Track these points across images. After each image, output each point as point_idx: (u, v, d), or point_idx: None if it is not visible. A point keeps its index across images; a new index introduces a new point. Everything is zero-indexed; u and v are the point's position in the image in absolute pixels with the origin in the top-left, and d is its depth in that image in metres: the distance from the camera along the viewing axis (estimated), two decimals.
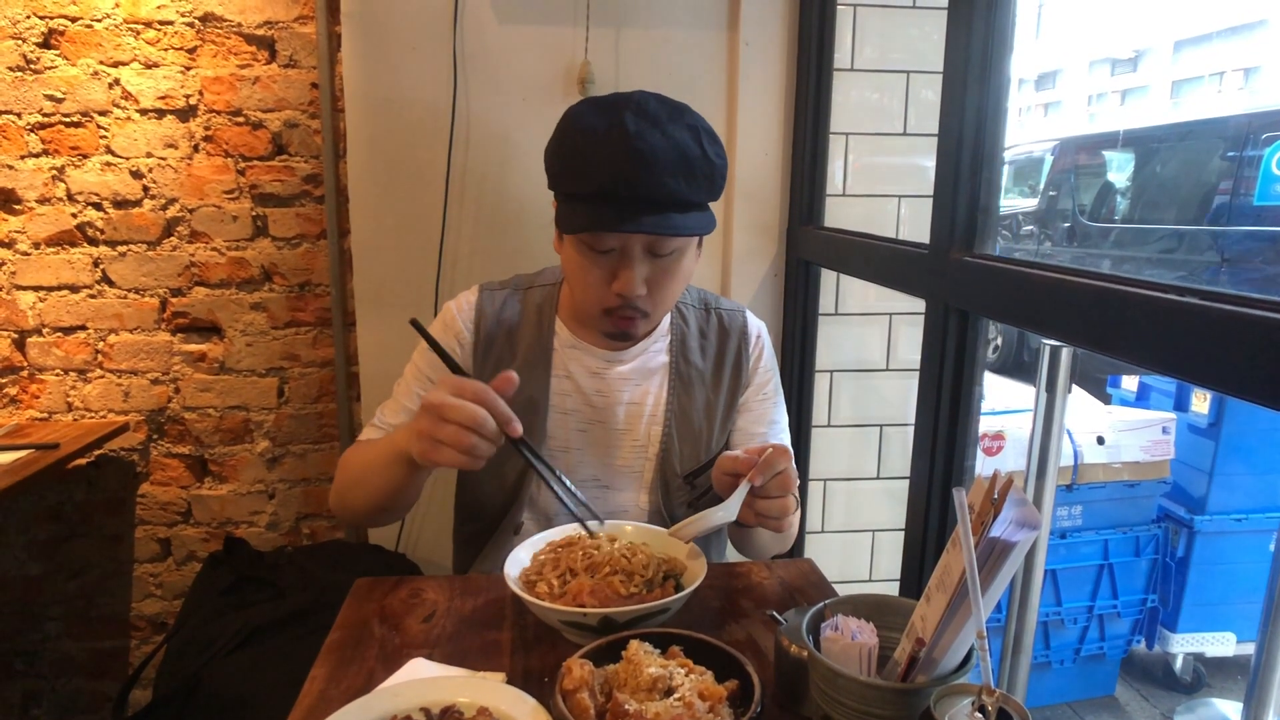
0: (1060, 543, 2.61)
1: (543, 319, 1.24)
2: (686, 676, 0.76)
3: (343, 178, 1.76)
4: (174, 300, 1.86)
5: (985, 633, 0.63)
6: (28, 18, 1.71)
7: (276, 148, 1.82)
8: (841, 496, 1.84)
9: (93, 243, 1.82)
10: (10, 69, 1.73)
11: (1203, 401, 2.80)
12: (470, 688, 0.80)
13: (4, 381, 1.87)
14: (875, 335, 1.80)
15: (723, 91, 1.76)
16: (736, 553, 1.26)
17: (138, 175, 1.80)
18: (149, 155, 1.79)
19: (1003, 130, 1.06)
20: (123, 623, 2.00)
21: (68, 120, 1.76)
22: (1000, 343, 6.66)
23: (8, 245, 1.81)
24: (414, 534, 1.85)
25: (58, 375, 1.87)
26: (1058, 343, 1.38)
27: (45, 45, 1.73)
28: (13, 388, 1.87)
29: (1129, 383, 3.22)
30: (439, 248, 1.73)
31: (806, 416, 1.78)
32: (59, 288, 1.83)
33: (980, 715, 0.61)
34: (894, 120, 1.74)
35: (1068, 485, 2.59)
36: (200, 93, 1.78)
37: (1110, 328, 0.78)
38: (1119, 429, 2.67)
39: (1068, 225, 6.49)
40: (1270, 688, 1.66)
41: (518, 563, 1.00)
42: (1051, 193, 6.85)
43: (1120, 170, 6.14)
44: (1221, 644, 2.79)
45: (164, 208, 1.82)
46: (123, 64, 1.75)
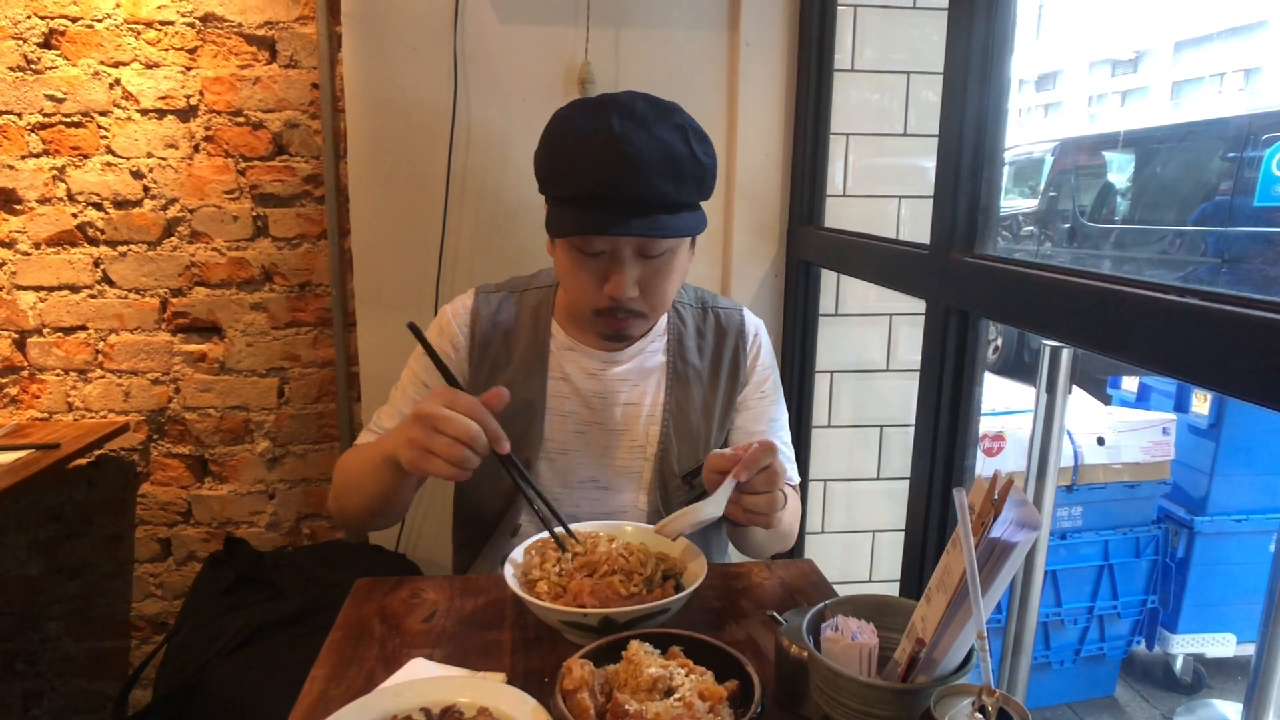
0: (1060, 543, 2.61)
1: (539, 321, 1.23)
2: (687, 677, 0.76)
3: (343, 178, 1.76)
4: (174, 300, 1.86)
5: (985, 633, 0.63)
6: (28, 18, 1.72)
7: (277, 148, 1.82)
8: (842, 497, 1.84)
9: (93, 243, 1.82)
10: (11, 69, 1.73)
11: (1203, 402, 2.79)
12: (470, 688, 0.80)
13: (4, 381, 1.87)
14: (875, 336, 1.80)
15: (723, 92, 1.76)
16: (737, 553, 1.26)
17: (138, 175, 1.80)
18: (149, 155, 1.79)
19: (1003, 131, 1.06)
20: (123, 623, 2.00)
21: (68, 120, 1.76)
22: (1000, 343, 6.65)
23: (8, 245, 1.81)
24: (414, 534, 1.85)
25: (58, 375, 1.87)
26: (1058, 343, 1.39)
27: (46, 45, 1.73)
28: (13, 388, 1.87)
29: (1129, 383, 3.22)
30: (439, 248, 1.73)
31: (807, 417, 1.78)
32: (59, 288, 1.84)
33: (980, 716, 0.61)
34: (894, 121, 1.74)
35: (1068, 486, 2.59)
36: (201, 93, 1.78)
37: (1111, 328, 0.78)
38: (1119, 430, 2.67)
39: (1068, 226, 6.49)
40: (1270, 689, 1.66)
41: (517, 563, 1.00)
42: (1052, 193, 6.84)
43: (1120, 171, 6.14)
44: (1221, 645, 2.78)
45: (164, 208, 1.82)
46: (123, 64, 1.75)
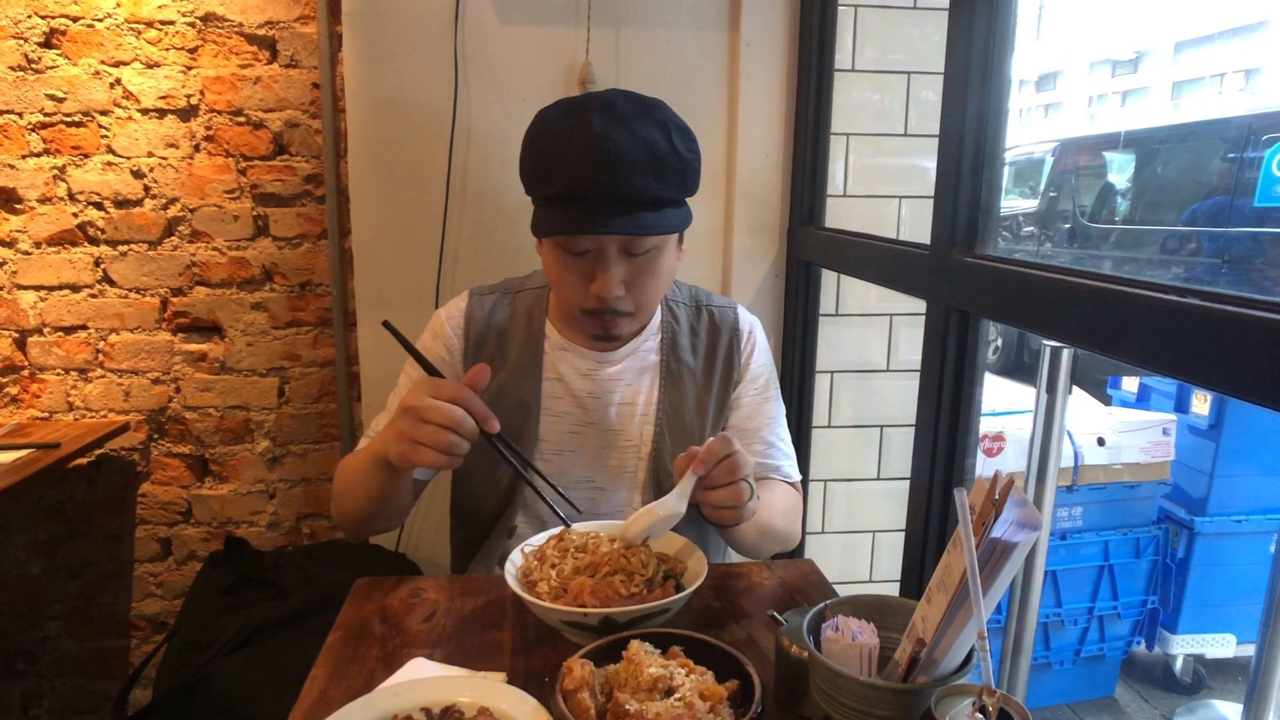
0: (1060, 544, 2.61)
1: (532, 322, 1.23)
2: (687, 677, 0.76)
3: (344, 178, 1.76)
4: (175, 300, 1.86)
5: (986, 633, 0.63)
6: (29, 17, 1.72)
7: (277, 147, 1.82)
8: (842, 497, 1.84)
9: (94, 242, 1.82)
10: (12, 68, 1.73)
11: (1203, 403, 2.79)
12: (471, 688, 0.80)
13: (5, 381, 1.87)
14: (876, 336, 1.80)
15: (724, 92, 1.76)
16: (737, 553, 1.25)
17: (139, 175, 1.80)
18: (150, 155, 1.79)
19: (1003, 131, 1.06)
20: (123, 622, 2.00)
21: (69, 120, 1.76)
22: (1000, 344, 6.65)
23: (9, 245, 1.81)
24: (414, 534, 1.85)
25: (58, 375, 1.87)
26: (1058, 344, 1.39)
27: (47, 45, 1.73)
28: (14, 387, 1.87)
29: (1129, 384, 3.22)
30: (439, 248, 1.73)
31: (807, 417, 1.78)
32: (60, 287, 1.84)
33: (981, 716, 0.61)
34: (895, 121, 1.74)
35: (1068, 486, 2.59)
36: (201, 92, 1.78)
37: (1111, 328, 0.78)
38: (1119, 430, 2.67)
39: (1068, 226, 6.48)
40: (1270, 689, 1.66)
41: (516, 564, 1.00)
42: (1052, 194, 6.84)
43: (1121, 171, 6.13)
44: (1221, 645, 2.78)
45: (165, 207, 1.82)
46: (124, 64, 1.75)
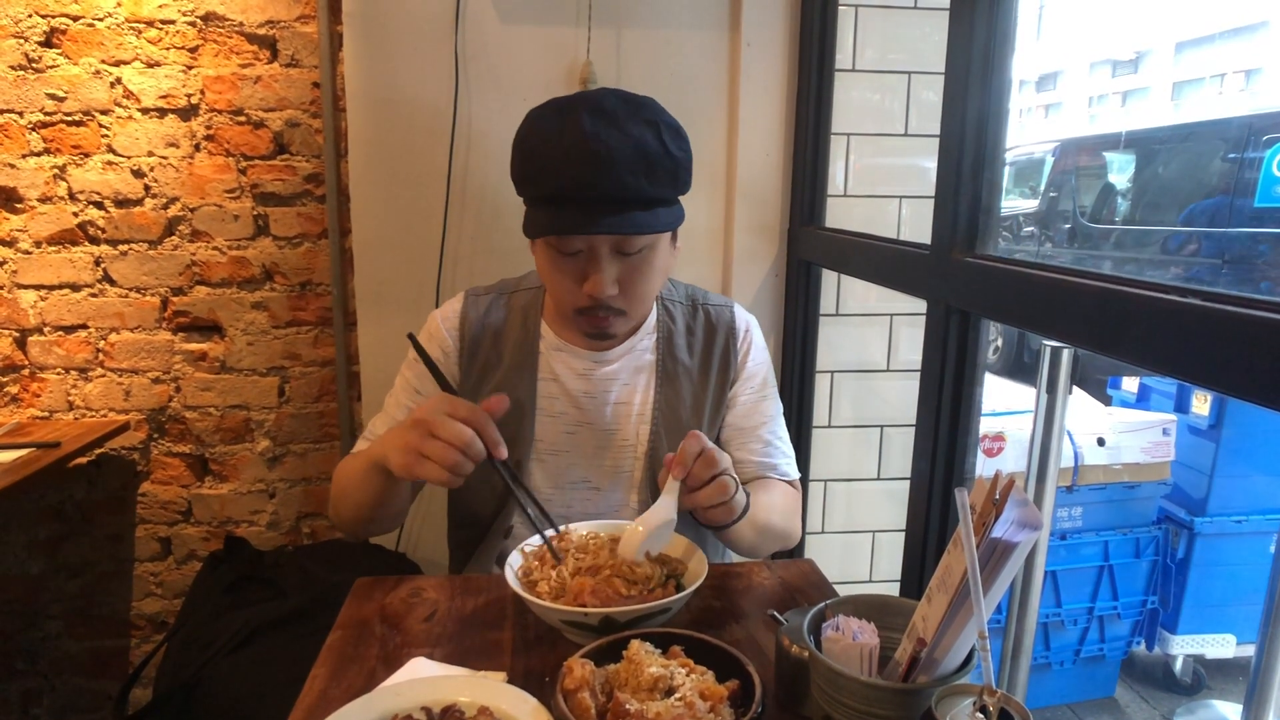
0: (1060, 544, 2.61)
1: (528, 322, 1.23)
2: (687, 676, 0.76)
3: (344, 177, 1.76)
4: (175, 299, 1.86)
5: (986, 633, 0.63)
6: (29, 16, 1.72)
7: (278, 147, 1.82)
8: (842, 497, 1.84)
9: (94, 241, 1.82)
10: (12, 68, 1.73)
11: (1203, 403, 2.79)
12: (471, 687, 0.80)
13: (5, 380, 1.87)
14: (876, 336, 1.80)
15: (724, 92, 1.76)
16: (737, 554, 1.25)
17: (139, 174, 1.80)
18: (150, 154, 1.79)
19: (1004, 131, 1.06)
20: (123, 622, 2.00)
21: (69, 119, 1.76)
22: (1000, 344, 6.65)
23: (9, 244, 1.81)
24: (414, 534, 1.85)
25: (59, 374, 1.87)
26: (1058, 344, 1.38)
27: (47, 44, 1.73)
28: (14, 386, 1.87)
29: (1129, 384, 3.22)
30: (440, 247, 1.73)
31: (807, 417, 1.78)
32: (60, 286, 1.84)
33: (982, 715, 0.61)
34: (895, 121, 1.74)
35: (1068, 486, 2.59)
36: (202, 92, 1.78)
37: (1112, 328, 0.78)
38: (1119, 430, 2.67)
39: (1068, 226, 6.48)
40: (1270, 690, 1.65)
41: (516, 563, 1.00)
42: (1052, 194, 6.83)
43: (1121, 171, 6.13)
44: (1221, 646, 2.78)
45: (165, 207, 1.82)
46: (124, 63, 1.75)
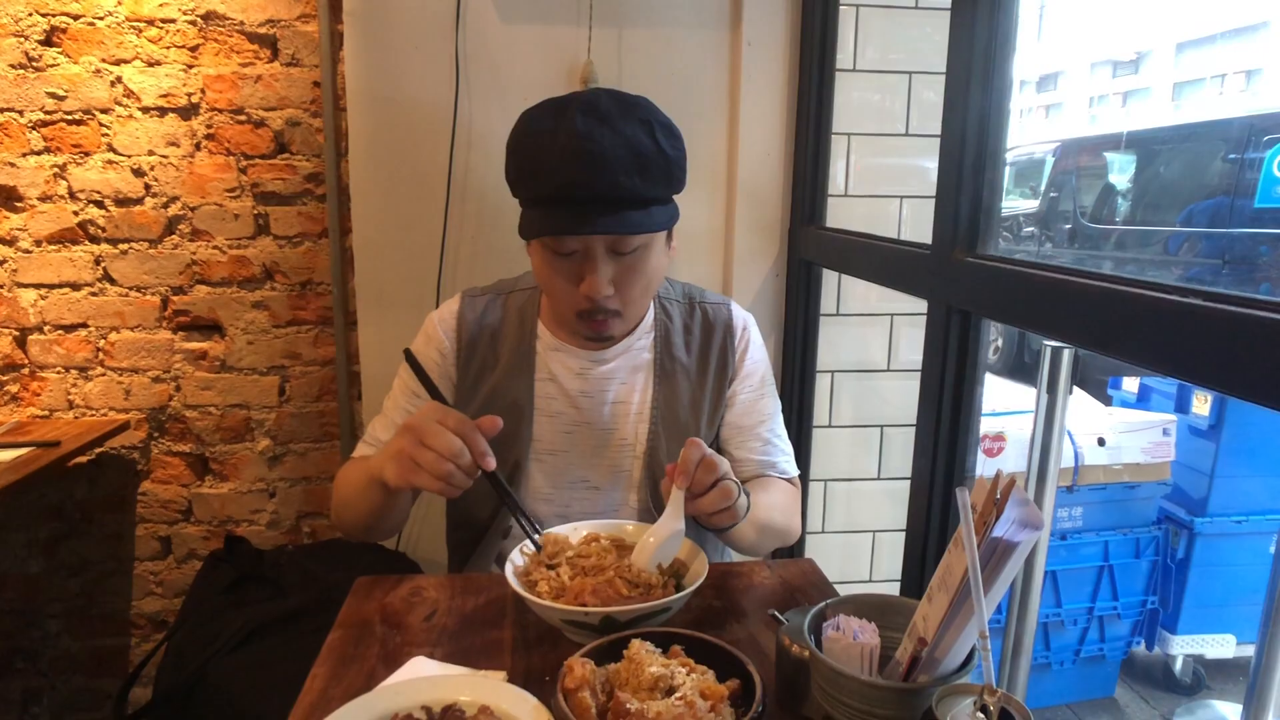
0: (1060, 544, 2.61)
1: (524, 322, 1.23)
2: (688, 676, 0.76)
3: (344, 176, 1.76)
4: (175, 298, 1.86)
5: (987, 633, 0.63)
6: (30, 15, 1.71)
7: (278, 146, 1.82)
8: (842, 497, 1.84)
9: (94, 240, 1.82)
10: (12, 66, 1.73)
11: (1203, 403, 2.79)
12: (471, 686, 0.80)
13: (5, 379, 1.87)
14: (877, 336, 1.80)
15: (725, 91, 1.76)
16: (737, 552, 1.25)
17: (139, 173, 1.80)
18: (151, 153, 1.79)
19: (1005, 131, 1.06)
20: (123, 621, 2.00)
21: (69, 118, 1.76)
22: (1001, 344, 6.65)
23: (9, 243, 1.81)
24: (414, 533, 1.85)
25: (59, 373, 1.87)
26: (1059, 344, 1.38)
27: (47, 43, 1.73)
28: (14, 385, 1.87)
29: (1130, 384, 3.22)
30: (440, 247, 1.73)
31: (807, 417, 1.78)
32: (60, 285, 1.83)
33: (982, 715, 0.61)
34: (896, 121, 1.74)
35: (1068, 486, 2.59)
36: (202, 91, 1.78)
37: (1113, 328, 0.78)
38: (1120, 430, 2.67)
39: (1069, 227, 6.48)
40: (1270, 690, 1.65)
41: (517, 563, 1.00)
42: (1053, 194, 6.83)
43: (1121, 172, 6.13)
44: (1221, 646, 2.78)
45: (165, 206, 1.82)
46: (125, 62, 1.75)
